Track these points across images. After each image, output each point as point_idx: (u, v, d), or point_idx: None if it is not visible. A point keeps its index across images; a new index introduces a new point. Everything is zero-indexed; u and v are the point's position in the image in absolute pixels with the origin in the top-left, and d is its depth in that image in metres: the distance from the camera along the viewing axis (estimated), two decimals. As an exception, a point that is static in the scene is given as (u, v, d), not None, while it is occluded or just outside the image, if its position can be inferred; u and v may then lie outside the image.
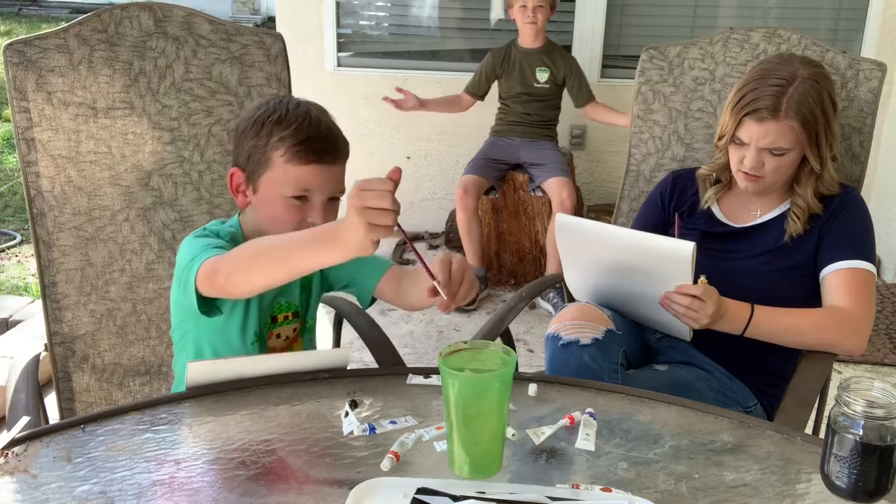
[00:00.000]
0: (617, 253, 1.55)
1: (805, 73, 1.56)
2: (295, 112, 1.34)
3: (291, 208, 1.33)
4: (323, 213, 1.34)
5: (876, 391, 0.97)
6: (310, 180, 1.32)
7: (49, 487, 0.99)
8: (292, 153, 1.31)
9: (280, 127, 1.32)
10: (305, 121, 1.33)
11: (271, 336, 1.45)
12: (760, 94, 1.55)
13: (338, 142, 1.35)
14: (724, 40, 1.96)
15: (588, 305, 1.61)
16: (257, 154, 1.34)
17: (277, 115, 1.33)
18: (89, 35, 1.62)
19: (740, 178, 1.63)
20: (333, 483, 1.00)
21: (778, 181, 1.62)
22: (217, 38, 1.70)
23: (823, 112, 1.56)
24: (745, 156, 1.58)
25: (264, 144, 1.33)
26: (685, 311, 1.48)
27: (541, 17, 3.40)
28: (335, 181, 1.35)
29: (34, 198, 1.60)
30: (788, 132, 1.54)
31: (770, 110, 1.54)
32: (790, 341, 1.58)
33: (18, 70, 1.57)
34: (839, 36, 3.86)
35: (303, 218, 1.33)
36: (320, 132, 1.33)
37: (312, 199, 1.33)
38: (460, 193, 3.39)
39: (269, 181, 1.34)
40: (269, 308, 1.43)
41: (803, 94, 1.53)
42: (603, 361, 1.48)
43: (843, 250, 1.58)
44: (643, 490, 1.00)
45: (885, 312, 3.29)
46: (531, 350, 3.01)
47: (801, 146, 1.57)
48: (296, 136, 1.31)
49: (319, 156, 1.32)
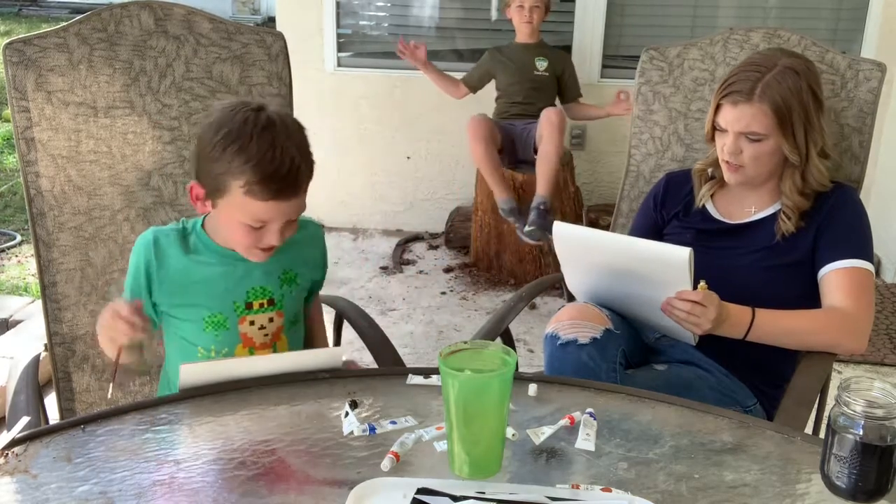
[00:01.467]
0: (615, 260, 1.55)
1: (786, 63, 1.57)
2: (259, 140, 1.28)
3: (247, 232, 1.33)
4: (280, 235, 1.34)
5: (876, 391, 0.97)
6: (267, 215, 1.32)
7: (49, 487, 0.99)
8: (251, 189, 1.28)
9: (241, 158, 1.28)
10: (268, 153, 1.28)
11: (243, 321, 1.42)
12: (738, 79, 1.59)
13: (300, 176, 1.32)
14: (723, 41, 1.96)
15: (586, 305, 1.61)
16: (216, 179, 1.31)
17: (240, 143, 1.28)
18: (89, 34, 1.62)
19: (725, 169, 1.65)
20: (333, 483, 1.00)
21: (760, 171, 1.62)
22: (218, 36, 1.70)
23: (801, 102, 1.56)
24: (725, 142, 1.60)
25: (224, 171, 1.29)
26: (686, 317, 1.48)
27: (536, 17, 3.56)
28: (295, 209, 1.34)
29: (34, 198, 1.60)
30: (762, 117, 1.55)
31: (744, 93, 1.56)
32: (791, 343, 1.58)
33: (18, 69, 1.56)
34: (839, 36, 3.86)
35: (258, 240, 1.34)
36: (282, 168, 1.28)
37: (269, 226, 1.33)
38: (473, 126, 3.39)
39: (227, 205, 1.32)
40: (241, 293, 1.41)
41: (778, 80, 1.55)
42: (601, 361, 1.48)
43: (840, 249, 1.58)
44: (643, 490, 1.00)
45: (885, 312, 3.29)
46: (531, 350, 3.01)
47: (775, 133, 1.57)
48: (256, 171, 1.27)
49: (278, 194, 1.29)
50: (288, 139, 1.31)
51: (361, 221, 4.26)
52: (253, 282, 1.42)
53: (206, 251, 1.40)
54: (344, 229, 4.21)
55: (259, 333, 1.43)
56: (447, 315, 3.32)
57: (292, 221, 1.36)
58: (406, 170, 4.19)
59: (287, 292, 1.46)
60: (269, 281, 1.44)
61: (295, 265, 1.47)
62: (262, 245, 1.35)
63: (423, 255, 3.95)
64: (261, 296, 1.43)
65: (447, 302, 3.45)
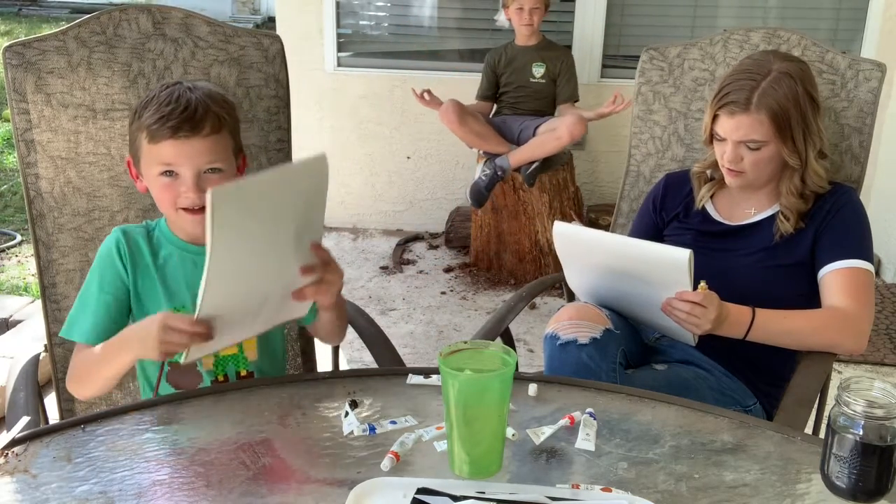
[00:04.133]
0: (616, 260, 1.55)
1: (781, 68, 1.57)
2: (161, 93, 1.36)
3: (163, 186, 1.36)
4: (195, 187, 1.35)
5: (876, 391, 0.97)
6: (168, 156, 1.34)
7: (49, 487, 0.99)
8: (149, 133, 1.34)
9: (144, 109, 1.36)
10: (167, 99, 1.35)
11: None
12: (733, 89, 1.57)
13: (197, 115, 1.35)
14: (723, 41, 1.96)
15: (586, 305, 1.61)
16: (133, 139, 1.39)
17: (146, 98, 1.37)
18: (88, 37, 1.62)
19: (725, 174, 1.64)
20: (333, 483, 1.01)
21: (761, 176, 1.62)
22: (215, 39, 1.70)
23: (798, 107, 1.56)
24: (725, 150, 1.60)
25: (136, 129, 1.37)
26: (687, 317, 1.48)
27: (536, 19, 3.55)
28: (203, 154, 1.35)
29: (34, 199, 1.60)
30: (760, 125, 1.55)
31: (741, 104, 1.55)
32: (791, 343, 1.58)
33: (18, 72, 1.57)
34: (839, 36, 3.86)
35: (176, 194, 1.35)
36: (177, 108, 1.34)
37: (181, 174, 1.35)
38: (444, 114, 3.45)
39: (144, 164, 1.38)
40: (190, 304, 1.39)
41: (773, 87, 1.55)
42: (601, 361, 1.48)
43: (840, 250, 1.58)
44: (643, 490, 1.00)
45: (885, 312, 3.29)
46: (531, 350, 3.01)
47: (773, 140, 1.57)
48: (153, 115, 1.34)
49: (174, 131, 1.33)
50: (195, 92, 1.37)
51: (361, 221, 4.26)
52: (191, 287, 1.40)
53: (167, 244, 1.43)
54: (344, 229, 4.21)
55: None
56: (447, 315, 3.32)
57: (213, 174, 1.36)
58: (406, 170, 4.19)
59: None
60: None
61: None
62: (183, 203, 1.35)
63: (423, 255, 3.95)
64: None
65: (447, 302, 3.45)
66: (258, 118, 1.72)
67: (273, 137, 1.73)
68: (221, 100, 1.41)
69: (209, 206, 1.00)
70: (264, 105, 1.72)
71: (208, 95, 1.39)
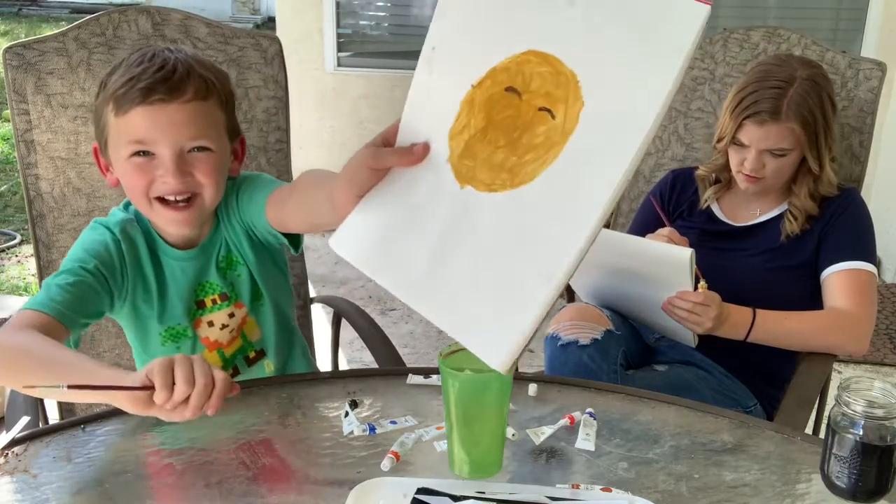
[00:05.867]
0: (617, 258, 1.55)
1: (804, 74, 1.56)
2: (130, 57, 1.10)
3: (135, 170, 1.09)
4: (176, 169, 1.08)
5: (876, 391, 0.97)
6: (139, 128, 1.07)
7: (49, 487, 0.99)
8: (116, 102, 1.07)
9: (110, 76, 1.10)
10: (138, 59, 1.09)
11: (199, 324, 1.26)
12: (760, 97, 1.55)
13: (176, 75, 1.08)
14: (723, 40, 1.96)
15: (587, 306, 1.61)
16: (98, 118, 1.13)
17: (114, 66, 1.11)
18: (87, 38, 1.63)
19: (741, 180, 1.63)
20: (333, 483, 1.00)
21: (778, 182, 1.62)
22: (214, 40, 1.70)
23: (823, 113, 1.56)
24: (746, 158, 1.59)
25: (101, 104, 1.11)
26: (688, 316, 1.48)
27: None
28: (184, 125, 1.08)
29: (34, 199, 1.60)
30: (789, 134, 1.55)
31: (770, 113, 1.54)
32: (792, 344, 1.58)
33: (18, 73, 1.57)
34: (839, 36, 3.86)
35: (152, 177, 1.10)
36: (151, 67, 1.07)
37: (158, 153, 1.09)
38: None
39: (112, 146, 1.12)
40: (192, 291, 1.25)
41: (803, 96, 1.54)
42: (602, 362, 1.48)
43: (843, 252, 1.58)
44: (643, 490, 1.00)
45: (885, 312, 3.29)
46: (531, 350, 3.01)
47: (801, 147, 1.57)
48: (119, 80, 1.07)
49: (146, 94, 1.05)
50: (176, 52, 1.12)
51: (361, 222, 4.26)
52: (199, 276, 1.24)
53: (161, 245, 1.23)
54: (344, 229, 4.21)
55: (213, 330, 1.28)
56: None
57: (201, 154, 1.11)
58: (406, 170, 4.18)
59: (234, 279, 1.27)
60: (211, 274, 1.24)
61: (229, 240, 1.25)
62: (159, 191, 1.10)
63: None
64: (210, 291, 1.26)
65: (447, 302, 3.45)
66: (257, 119, 1.72)
67: (272, 138, 1.74)
68: (211, 65, 1.15)
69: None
70: (263, 106, 1.72)
71: (193, 58, 1.13)
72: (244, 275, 1.29)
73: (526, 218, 0.79)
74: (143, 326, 1.26)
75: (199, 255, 1.25)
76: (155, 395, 0.93)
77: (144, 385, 0.93)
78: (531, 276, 0.78)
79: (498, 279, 0.80)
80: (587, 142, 0.75)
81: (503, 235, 0.81)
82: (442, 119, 0.86)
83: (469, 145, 0.83)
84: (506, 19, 0.82)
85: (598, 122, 0.74)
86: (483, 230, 0.82)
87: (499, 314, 0.79)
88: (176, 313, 1.25)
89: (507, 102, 0.81)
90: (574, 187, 0.76)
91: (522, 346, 0.77)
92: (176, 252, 1.24)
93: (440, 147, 0.86)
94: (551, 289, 0.77)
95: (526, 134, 0.79)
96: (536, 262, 0.78)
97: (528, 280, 0.78)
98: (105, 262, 1.17)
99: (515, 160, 0.80)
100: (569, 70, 0.76)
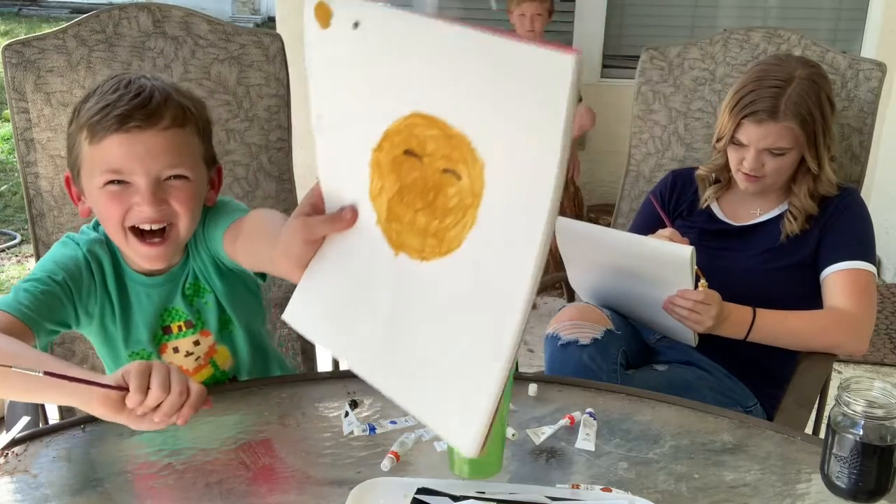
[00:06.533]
0: (617, 257, 1.55)
1: (803, 74, 1.56)
2: (106, 82, 1.09)
3: (110, 199, 1.08)
4: (152, 197, 1.07)
5: (876, 391, 0.97)
6: (115, 157, 1.06)
7: (49, 487, 0.98)
8: (91, 130, 1.06)
9: (84, 103, 1.09)
10: (113, 87, 1.08)
11: (165, 349, 1.25)
12: (758, 96, 1.55)
13: (153, 101, 1.07)
14: (723, 40, 1.96)
15: (587, 305, 1.61)
16: (71, 147, 1.12)
17: (87, 93, 1.10)
18: (88, 36, 1.62)
19: (740, 179, 1.63)
20: (333, 483, 1.00)
21: (778, 181, 1.62)
22: (216, 38, 1.70)
23: (821, 112, 1.56)
24: (745, 157, 1.59)
25: (74, 131, 1.10)
26: (688, 314, 1.48)
27: (538, 25, 3.56)
28: (161, 153, 1.07)
29: (33, 198, 1.60)
30: (788, 133, 1.55)
31: (769, 112, 1.54)
32: (792, 343, 1.58)
33: (17, 71, 1.56)
34: (839, 36, 3.86)
35: (127, 206, 1.08)
36: (127, 94, 1.06)
37: (133, 182, 1.07)
38: None
39: (86, 175, 1.11)
40: (158, 317, 1.24)
41: (801, 95, 1.54)
42: (602, 361, 1.48)
43: (843, 251, 1.58)
44: (643, 490, 1.00)
45: (885, 312, 3.29)
46: (531, 350, 3.01)
47: (800, 146, 1.57)
48: (94, 107, 1.06)
49: (122, 121, 1.04)
50: (153, 79, 1.11)
51: (361, 221, 4.25)
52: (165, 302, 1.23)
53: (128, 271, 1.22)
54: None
55: (178, 357, 1.26)
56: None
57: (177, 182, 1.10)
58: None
59: (201, 306, 1.26)
60: (177, 300, 1.23)
61: (196, 268, 1.24)
62: (134, 219, 1.09)
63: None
64: (176, 317, 1.25)
65: (447, 302, 3.44)
66: (258, 117, 1.72)
67: (273, 136, 1.73)
68: (188, 94, 1.14)
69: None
70: (265, 104, 1.72)
71: (171, 85, 1.12)
72: (211, 302, 1.27)
73: (462, 288, 0.76)
74: (111, 347, 1.25)
75: (166, 283, 1.24)
76: (128, 398, 0.92)
77: (119, 385, 0.93)
78: (480, 353, 0.74)
79: (449, 356, 0.77)
80: (499, 203, 0.72)
81: (445, 308, 0.78)
82: (358, 182, 0.83)
83: (391, 208, 0.81)
84: (382, 80, 0.79)
85: (504, 182, 0.71)
86: (425, 303, 0.79)
87: (456, 395, 0.76)
88: (141, 338, 1.24)
89: (411, 165, 0.78)
90: (499, 253, 0.72)
91: (488, 425, 0.74)
92: (142, 278, 1.23)
93: (366, 210, 0.83)
94: (502, 365, 0.72)
95: (439, 196, 0.76)
96: (482, 336, 0.74)
97: (478, 357, 0.74)
98: (74, 277, 1.17)
99: (437, 224, 0.77)
100: (457, 132, 0.73)
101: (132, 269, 1.22)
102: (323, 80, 0.84)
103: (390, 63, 0.78)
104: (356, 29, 0.79)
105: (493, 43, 0.69)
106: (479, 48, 0.70)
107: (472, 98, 0.72)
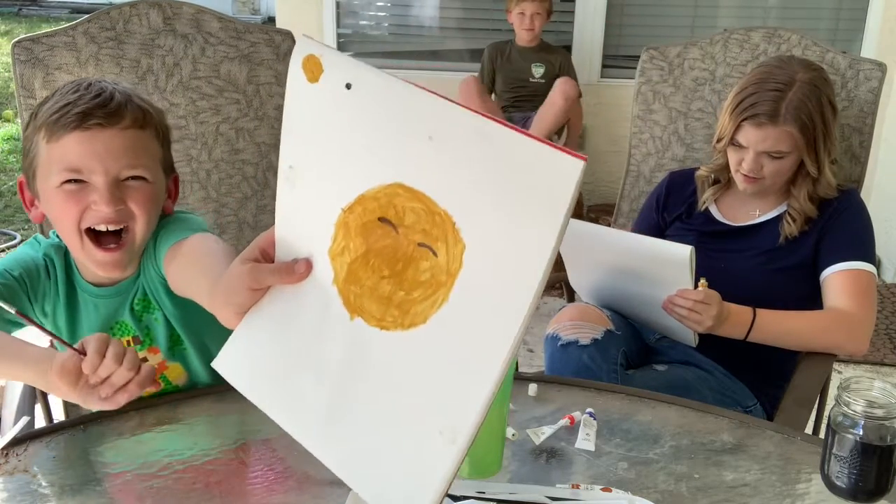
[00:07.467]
0: (617, 256, 1.55)
1: (804, 78, 1.55)
2: (64, 87, 1.10)
3: (67, 198, 1.07)
4: (110, 196, 1.06)
5: (876, 391, 0.97)
6: (74, 155, 1.05)
7: (49, 487, 0.98)
8: (49, 129, 1.06)
9: (42, 106, 1.09)
10: (72, 88, 1.08)
11: None
12: (759, 99, 1.55)
13: (113, 102, 1.07)
14: (724, 41, 1.96)
15: (587, 306, 1.61)
16: (27, 150, 1.11)
17: (45, 98, 1.11)
18: (97, 33, 1.62)
19: (739, 180, 1.63)
20: (333, 483, 1.00)
21: (777, 183, 1.62)
22: (226, 35, 1.69)
23: (822, 117, 1.55)
24: (744, 158, 1.59)
25: (31, 133, 1.09)
26: (688, 314, 1.48)
27: (538, 24, 3.57)
28: (120, 153, 1.07)
29: (34, 198, 1.60)
30: (787, 137, 1.55)
31: (769, 115, 1.54)
32: (792, 344, 1.58)
33: (26, 68, 1.56)
34: (839, 36, 3.86)
35: (84, 206, 1.07)
36: (87, 95, 1.07)
37: (91, 181, 1.07)
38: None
39: (41, 176, 1.09)
40: (106, 329, 1.21)
41: (802, 100, 1.53)
42: (602, 362, 1.48)
43: (843, 252, 1.58)
44: (643, 490, 1.00)
45: (885, 312, 3.29)
46: (531, 350, 3.01)
47: (799, 150, 1.57)
48: (53, 107, 1.06)
49: (81, 119, 1.05)
50: (109, 85, 1.11)
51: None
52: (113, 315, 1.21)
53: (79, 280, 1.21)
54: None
55: None
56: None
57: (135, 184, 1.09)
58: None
59: (150, 322, 1.23)
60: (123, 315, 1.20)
61: (146, 285, 1.21)
62: (91, 220, 1.08)
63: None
64: (124, 332, 1.22)
65: (447, 302, 3.44)
66: (268, 115, 1.71)
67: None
68: (148, 100, 1.15)
69: None
70: (275, 103, 1.71)
71: (132, 90, 1.13)
72: (160, 319, 1.24)
73: (423, 364, 0.73)
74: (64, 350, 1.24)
75: (114, 295, 1.22)
76: (85, 361, 0.94)
77: (78, 349, 0.96)
78: (434, 434, 0.71)
79: (401, 433, 0.74)
80: (476, 288, 0.70)
81: (401, 383, 0.74)
82: (319, 238, 0.79)
83: (352, 270, 0.77)
84: (367, 145, 0.76)
85: (485, 270, 0.70)
86: (379, 375, 0.76)
87: (404, 471, 0.73)
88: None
89: (384, 233, 0.75)
90: (471, 338, 0.70)
91: None
92: (91, 288, 1.21)
93: (323, 267, 0.79)
94: (456, 450, 0.69)
95: (410, 268, 0.74)
96: (438, 417, 0.71)
97: (432, 438, 0.71)
98: (31, 275, 1.17)
99: (403, 295, 0.74)
100: (442, 210, 0.71)
101: (84, 278, 1.21)
102: (301, 132, 0.81)
103: (380, 130, 0.75)
104: (348, 90, 0.77)
105: (498, 133, 0.68)
106: (481, 135, 0.68)
107: (465, 182, 0.70)
